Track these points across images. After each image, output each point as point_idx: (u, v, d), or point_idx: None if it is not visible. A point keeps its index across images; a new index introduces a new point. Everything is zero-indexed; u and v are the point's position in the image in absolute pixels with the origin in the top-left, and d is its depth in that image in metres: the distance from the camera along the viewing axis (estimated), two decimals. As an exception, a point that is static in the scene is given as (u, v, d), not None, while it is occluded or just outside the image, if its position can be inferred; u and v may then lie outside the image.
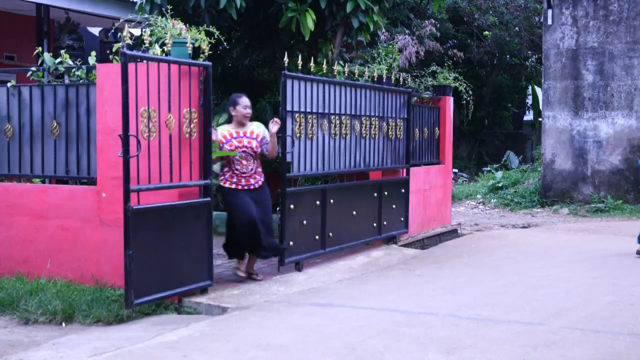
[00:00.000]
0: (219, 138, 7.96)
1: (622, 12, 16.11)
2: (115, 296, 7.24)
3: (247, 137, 8.11)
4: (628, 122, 16.08)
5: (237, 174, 8.09)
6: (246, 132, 8.15)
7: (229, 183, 8.10)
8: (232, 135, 8.09)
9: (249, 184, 8.11)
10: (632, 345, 5.83)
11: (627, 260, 9.83)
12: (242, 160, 8.08)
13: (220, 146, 7.96)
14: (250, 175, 8.12)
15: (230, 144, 8.04)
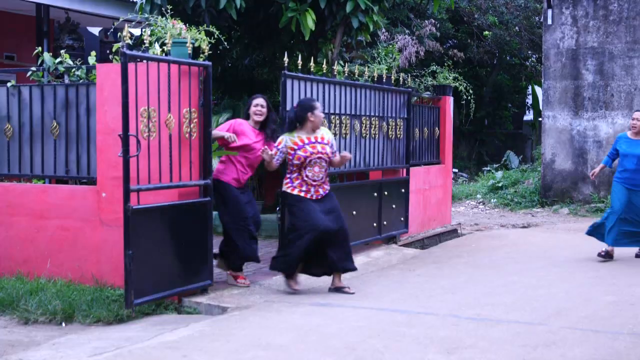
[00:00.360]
0: (289, 144, 7.67)
1: (622, 12, 16.10)
2: (115, 296, 7.23)
3: (319, 143, 7.77)
4: (628, 122, 16.02)
5: (307, 182, 7.70)
6: (317, 138, 7.79)
7: (297, 191, 7.72)
8: (303, 141, 7.71)
9: (318, 193, 7.75)
10: (632, 345, 5.83)
11: (627, 260, 9.82)
12: (315, 167, 7.70)
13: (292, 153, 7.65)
14: (320, 185, 7.76)
15: (304, 150, 7.67)
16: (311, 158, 7.67)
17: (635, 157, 9.60)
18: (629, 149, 9.68)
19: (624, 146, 9.77)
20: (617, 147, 9.88)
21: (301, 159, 7.65)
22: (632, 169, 9.60)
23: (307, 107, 7.78)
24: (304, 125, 7.75)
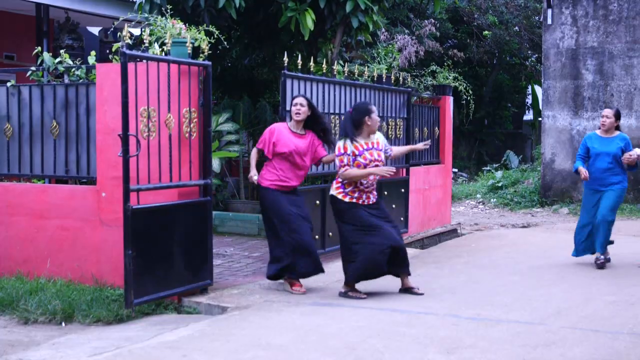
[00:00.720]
0: (351, 149, 7.44)
1: (622, 11, 16.10)
2: (115, 296, 7.23)
3: (376, 149, 7.59)
4: (628, 121, 16.07)
5: (360, 188, 7.51)
6: (374, 143, 7.61)
7: (349, 197, 7.51)
8: (363, 147, 7.51)
9: (369, 199, 7.58)
10: (632, 345, 5.83)
11: (627, 260, 9.82)
12: (370, 175, 7.52)
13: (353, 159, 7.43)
14: (371, 192, 7.59)
15: (364, 157, 7.47)
16: (369, 166, 7.49)
17: (608, 155, 9.12)
18: (602, 147, 9.19)
19: (596, 145, 9.26)
20: (587, 146, 9.33)
21: (360, 165, 7.47)
22: (604, 167, 9.12)
23: (364, 111, 7.57)
24: (360, 130, 7.54)
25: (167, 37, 7.18)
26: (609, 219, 9.03)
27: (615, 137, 9.23)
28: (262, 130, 12.55)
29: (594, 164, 9.20)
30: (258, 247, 10.48)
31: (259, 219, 11.53)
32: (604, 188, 9.12)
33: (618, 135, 9.27)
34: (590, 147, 9.27)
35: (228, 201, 12.55)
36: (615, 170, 9.15)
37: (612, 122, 9.21)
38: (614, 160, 9.12)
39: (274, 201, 7.68)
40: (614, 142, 9.18)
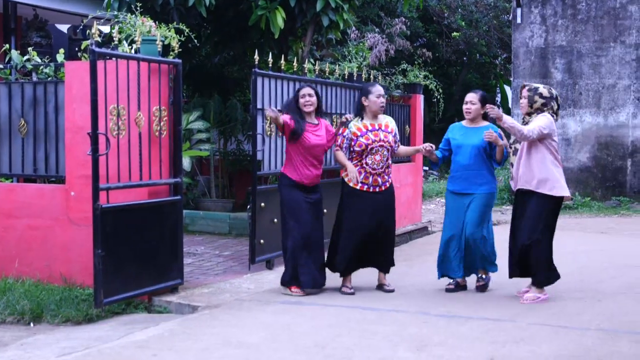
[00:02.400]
0: (352, 130, 7.50)
1: (590, 11, 16.27)
2: (84, 295, 7.19)
3: (382, 131, 7.58)
4: (596, 120, 16.25)
5: (366, 169, 7.52)
6: (381, 125, 7.62)
7: (355, 181, 7.55)
8: (367, 128, 7.54)
9: (377, 183, 7.54)
10: (600, 341, 5.90)
11: (595, 257, 9.93)
12: (376, 156, 7.51)
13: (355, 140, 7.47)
14: (380, 174, 7.54)
15: (367, 137, 7.49)
16: (372, 146, 7.49)
17: (471, 147, 7.65)
18: (464, 139, 7.73)
19: (458, 136, 7.82)
20: (448, 138, 7.95)
21: (362, 145, 7.48)
22: (466, 164, 7.66)
23: (363, 92, 7.67)
24: (365, 111, 7.62)
25: (136, 35, 7.14)
26: (477, 236, 7.59)
27: (481, 128, 7.73)
28: (232, 128, 12.56)
29: (455, 159, 7.80)
30: (229, 245, 10.46)
31: (229, 218, 11.52)
32: (468, 191, 7.65)
33: (485, 126, 7.77)
34: (451, 139, 7.88)
35: (199, 200, 12.52)
36: (480, 169, 7.68)
37: (478, 109, 7.71)
38: (479, 155, 7.65)
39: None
40: (480, 133, 7.66)
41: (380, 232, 7.62)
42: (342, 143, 7.59)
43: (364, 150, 7.51)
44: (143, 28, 7.35)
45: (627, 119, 16.03)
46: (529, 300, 7.18)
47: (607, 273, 8.78)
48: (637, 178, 16.04)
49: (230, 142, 13.09)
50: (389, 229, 7.72)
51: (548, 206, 7.24)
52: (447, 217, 7.87)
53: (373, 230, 7.57)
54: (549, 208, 7.25)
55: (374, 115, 7.63)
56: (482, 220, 7.61)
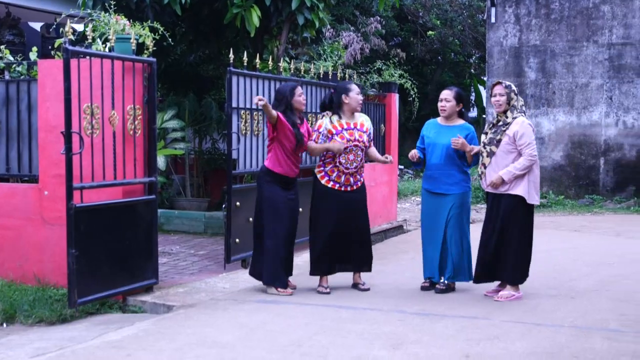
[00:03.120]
0: (328, 127, 7.49)
1: (563, 10, 16.40)
2: (58, 295, 7.14)
3: (357, 130, 7.56)
4: (569, 118, 16.38)
5: (339, 168, 7.50)
6: (357, 124, 7.59)
7: (327, 179, 7.54)
8: (342, 126, 7.52)
9: (349, 182, 7.53)
10: (573, 338, 5.95)
11: (568, 254, 10.01)
12: (349, 155, 7.49)
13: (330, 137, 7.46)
14: (352, 174, 7.54)
15: (342, 136, 7.47)
16: (347, 145, 7.47)
17: (442, 147, 7.51)
18: (437, 137, 7.59)
19: (431, 134, 7.67)
20: (423, 134, 7.78)
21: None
22: (437, 163, 7.54)
23: (341, 89, 7.62)
24: (342, 109, 7.57)
25: (110, 33, 7.10)
26: (453, 239, 7.57)
27: (455, 127, 7.62)
28: (207, 127, 12.53)
29: (430, 159, 7.63)
30: (204, 245, 10.43)
31: (205, 217, 11.49)
32: (440, 191, 7.56)
33: (460, 125, 7.66)
34: (425, 137, 7.74)
35: (174, 199, 12.47)
36: (451, 169, 7.55)
37: (454, 106, 7.59)
38: (449, 155, 7.52)
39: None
40: (453, 132, 7.53)
41: (354, 232, 7.62)
42: (317, 139, 7.57)
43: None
44: (117, 26, 7.31)
45: (599, 118, 16.17)
46: (504, 298, 7.22)
47: (580, 271, 8.86)
48: (609, 177, 16.19)
49: (205, 141, 13.06)
50: (363, 229, 7.72)
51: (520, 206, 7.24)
52: (422, 216, 7.82)
53: (346, 230, 7.56)
54: (521, 208, 7.26)
55: (351, 114, 7.61)
56: (457, 222, 7.56)
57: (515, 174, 7.14)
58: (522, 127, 7.15)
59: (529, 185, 7.22)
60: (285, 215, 7.44)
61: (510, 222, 7.21)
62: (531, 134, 7.18)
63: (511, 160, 7.19)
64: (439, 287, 7.60)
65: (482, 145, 7.46)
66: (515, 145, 7.18)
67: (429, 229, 7.70)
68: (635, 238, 11.65)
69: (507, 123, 7.23)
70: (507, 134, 7.19)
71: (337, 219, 7.51)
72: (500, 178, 7.17)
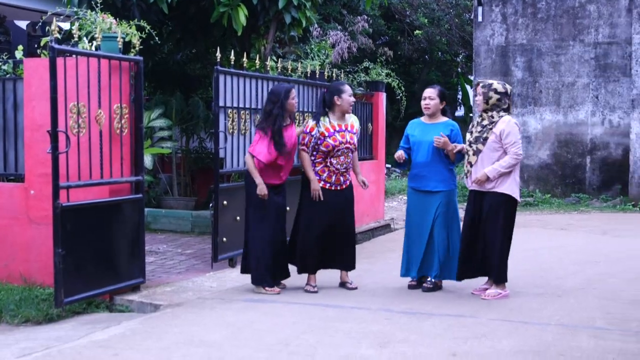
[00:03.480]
0: (321, 130, 7.45)
1: (550, 9, 16.45)
2: (44, 295, 7.11)
3: (349, 132, 7.57)
4: (556, 117, 16.44)
5: (330, 169, 7.53)
6: (347, 126, 7.59)
7: (318, 178, 7.51)
8: (334, 128, 7.51)
9: (339, 182, 7.55)
10: (560, 336, 5.97)
11: (555, 253, 10.05)
12: (341, 157, 7.52)
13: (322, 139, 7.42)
14: (342, 173, 7.57)
15: (334, 138, 7.46)
16: (339, 147, 7.50)
17: (428, 144, 7.56)
18: (422, 136, 7.65)
19: (416, 132, 7.73)
20: (408, 134, 7.85)
21: (329, 146, 7.47)
22: (423, 161, 7.58)
23: (334, 90, 7.58)
24: (333, 110, 7.56)
25: (97, 32, 7.07)
26: (440, 237, 7.58)
27: (439, 124, 7.68)
28: (194, 126, 12.51)
29: (415, 157, 7.69)
30: (191, 244, 10.41)
31: (192, 216, 11.47)
32: (427, 189, 7.60)
33: (444, 122, 7.71)
34: (410, 136, 7.80)
35: (161, 198, 12.44)
36: (438, 167, 7.59)
37: (437, 104, 7.65)
38: (435, 153, 7.57)
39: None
40: (437, 129, 7.60)
41: (340, 231, 7.63)
42: (310, 142, 7.54)
43: (330, 151, 7.50)
44: (103, 25, 7.29)
45: (586, 117, 16.24)
46: (491, 296, 7.24)
47: (567, 269, 8.89)
48: (595, 175, 16.26)
49: (192, 140, 13.03)
50: (349, 227, 7.73)
51: (504, 204, 7.24)
52: (408, 215, 7.85)
53: (333, 228, 7.57)
54: (506, 206, 7.25)
55: (342, 115, 7.60)
56: (444, 220, 7.57)
57: (500, 172, 7.17)
58: (509, 125, 7.18)
59: (513, 183, 7.25)
60: (272, 217, 7.43)
61: (494, 220, 7.22)
62: (517, 133, 7.21)
63: (497, 159, 7.22)
64: (427, 285, 7.63)
65: (467, 144, 7.45)
66: (502, 144, 7.20)
67: (415, 227, 7.72)
68: (622, 236, 11.71)
69: (493, 121, 7.25)
70: (493, 132, 7.22)
71: (328, 218, 7.52)
72: (485, 175, 7.20)
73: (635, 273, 8.61)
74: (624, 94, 15.97)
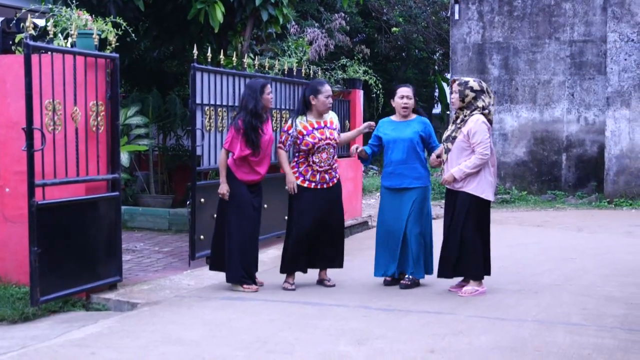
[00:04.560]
0: (299, 129, 7.44)
1: (526, 8, 16.54)
2: (20, 294, 7.06)
3: (328, 128, 7.55)
4: (532, 115, 16.53)
5: (313, 167, 7.49)
6: (326, 122, 7.57)
7: (302, 179, 7.50)
8: (313, 126, 7.49)
9: (324, 180, 7.53)
10: (536, 332, 6.01)
11: (531, 249, 10.11)
12: (322, 154, 7.49)
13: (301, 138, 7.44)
14: (327, 171, 7.54)
15: (313, 136, 7.45)
16: (319, 144, 7.47)
17: (404, 142, 7.57)
18: (397, 133, 7.63)
19: (389, 131, 7.70)
20: (379, 134, 7.77)
21: (309, 145, 7.45)
22: (400, 159, 7.58)
23: (311, 90, 7.57)
24: (311, 109, 7.56)
25: (72, 29, 7.02)
26: (413, 232, 7.57)
27: (411, 121, 7.70)
28: (172, 123, 12.46)
29: (390, 156, 7.70)
30: (168, 242, 10.37)
31: (169, 214, 11.42)
32: (403, 186, 7.59)
33: (415, 119, 7.74)
34: (383, 135, 7.74)
35: (138, 196, 12.38)
36: (414, 163, 7.61)
37: (413, 103, 7.71)
38: (412, 149, 7.58)
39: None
40: (411, 127, 7.65)
41: (330, 229, 7.61)
42: (286, 140, 7.54)
43: (310, 149, 7.48)
44: (79, 21, 7.23)
45: (562, 115, 16.35)
46: (468, 293, 7.26)
47: (543, 266, 8.95)
48: (571, 172, 16.38)
49: (169, 138, 12.98)
50: (338, 225, 7.73)
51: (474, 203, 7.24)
52: (381, 214, 7.78)
53: (322, 228, 7.55)
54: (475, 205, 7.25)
55: (319, 113, 7.58)
56: (417, 217, 7.59)
57: (466, 172, 7.18)
58: (476, 125, 7.16)
59: (483, 183, 7.23)
60: (249, 215, 7.42)
61: (466, 219, 7.24)
62: (485, 132, 7.17)
63: (465, 158, 7.21)
64: (404, 282, 7.63)
65: (442, 142, 7.50)
66: (469, 143, 7.20)
67: (390, 225, 7.66)
68: (597, 233, 11.81)
69: (464, 120, 7.26)
70: (462, 131, 7.23)
71: (314, 218, 7.50)
72: (451, 176, 7.24)
73: (611, 269, 8.69)
74: (599, 91, 16.09)
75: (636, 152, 15.50)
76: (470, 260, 7.28)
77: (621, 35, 15.60)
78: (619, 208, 15.11)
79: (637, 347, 5.63)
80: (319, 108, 7.55)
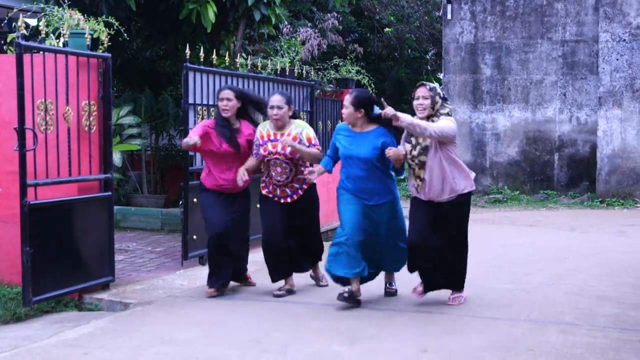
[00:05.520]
0: (257, 136, 7.11)
1: (518, 8, 16.57)
2: (12, 294, 7.04)
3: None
4: (524, 115, 16.56)
5: (271, 181, 7.11)
6: (283, 134, 7.01)
7: (267, 190, 7.19)
8: (269, 136, 7.03)
9: (285, 194, 7.10)
10: (529, 331, 6.01)
11: (524, 249, 10.12)
12: (277, 168, 7.03)
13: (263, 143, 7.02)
14: (286, 185, 7.07)
15: (265, 147, 7.01)
16: (269, 158, 7.03)
17: (361, 160, 6.65)
18: (353, 148, 6.70)
19: (345, 143, 6.76)
20: (336, 143, 6.89)
21: (259, 156, 7.10)
22: (361, 175, 6.67)
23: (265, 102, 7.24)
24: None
25: (64, 28, 7.00)
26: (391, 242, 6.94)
27: (370, 132, 6.77)
28: (164, 123, 12.45)
29: (347, 170, 6.78)
30: (161, 242, 10.36)
31: (161, 214, 11.41)
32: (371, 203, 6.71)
33: (374, 131, 6.77)
34: (339, 146, 6.85)
35: (130, 196, 12.36)
36: (376, 179, 6.72)
37: (352, 113, 6.85)
38: (372, 167, 6.68)
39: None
40: (368, 141, 6.70)
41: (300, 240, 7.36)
42: (253, 149, 7.21)
43: (261, 160, 7.16)
44: (71, 21, 7.22)
45: (554, 114, 16.38)
46: (457, 302, 6.92)
47: (535, 265, 8.96)
48: (563, 172, 16.42)
49: (162, 137, 12.97)
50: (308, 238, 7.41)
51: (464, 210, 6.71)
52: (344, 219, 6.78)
53: (292, 238, 7.27)
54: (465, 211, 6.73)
55: (278, 126, 7.09)
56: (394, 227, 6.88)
57: (413, 123, 6.26)
58: (447, 120, 6.46)
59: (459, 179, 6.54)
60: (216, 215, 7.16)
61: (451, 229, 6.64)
62: (451, 125, 6.41)
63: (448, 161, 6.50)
64: (390, 290, 7.27)
65: (410, 157, 6.62)
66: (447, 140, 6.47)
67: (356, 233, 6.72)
68: (589, 232, 11.83)
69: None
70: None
71: (282, 229, 7.15)
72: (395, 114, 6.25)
73: (603, 269, 8.70)
74: (591, 91, 16.12)
75: (628, 152, 15.55)
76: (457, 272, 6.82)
77: (613, 35, 15.64)
78: (611, 208, 15.15)
79: (629, 346, 5.64)
80: (272, 119, 7.07)
